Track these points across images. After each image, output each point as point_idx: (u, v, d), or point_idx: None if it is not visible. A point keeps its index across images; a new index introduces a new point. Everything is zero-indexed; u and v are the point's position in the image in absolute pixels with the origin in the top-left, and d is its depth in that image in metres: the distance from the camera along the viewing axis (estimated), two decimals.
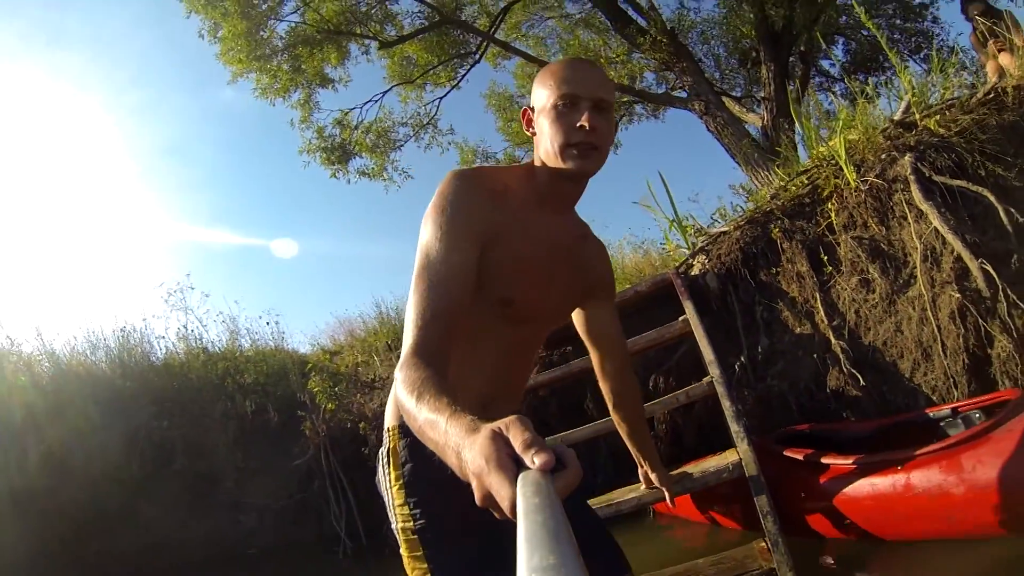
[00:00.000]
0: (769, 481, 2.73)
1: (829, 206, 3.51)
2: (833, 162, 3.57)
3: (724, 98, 9.62)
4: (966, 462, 2.23)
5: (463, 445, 0.73)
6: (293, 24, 8.81)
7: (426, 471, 1.25)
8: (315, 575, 5.02)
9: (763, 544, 2.58)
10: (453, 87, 10.19)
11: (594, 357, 1.72)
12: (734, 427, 2.86)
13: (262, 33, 8.43)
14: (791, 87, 7.78)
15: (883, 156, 3.37)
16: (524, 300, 1.34)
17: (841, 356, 3.37)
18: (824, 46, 9.22)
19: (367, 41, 9.44)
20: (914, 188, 3.16)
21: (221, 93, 22.46)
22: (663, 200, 4.76)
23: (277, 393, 6.09)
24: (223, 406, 5.93)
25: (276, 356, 6.77)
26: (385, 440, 1.37)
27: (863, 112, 3.73)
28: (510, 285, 1.32)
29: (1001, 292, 2.89)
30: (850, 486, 2.55)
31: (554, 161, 1.33)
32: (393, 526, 1.32)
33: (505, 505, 0.62)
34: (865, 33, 9.64)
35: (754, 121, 8.59)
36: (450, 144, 11.17)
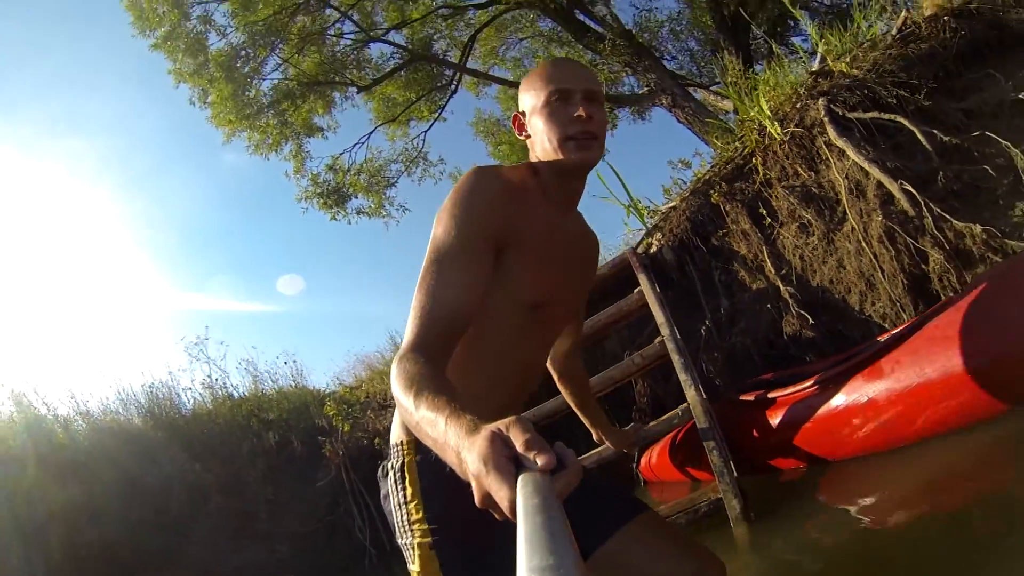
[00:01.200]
0: (727, 428, 2.75)
1: (756, 162, 3.55)
2: (760, 122, 3.62)
3: (700, 89, 9.70)
4: (885, 367, 2.21)
5: (463, 446, 0.72)
6: (276, 81, 9.22)
7: (443, 486, 1.18)
8: None
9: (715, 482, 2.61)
10: (435, 119, 10.47)
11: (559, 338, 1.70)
12: (682, 376, 2.89)
13: (248, 93, 8.80)
14: (759, 67, 7.82)
15: (799, 105, 3.40)
16: (552, 301, 1.31)
17: (791, 301, 3.38)
18: (792, 22, 9.23)
19: (348, 88, 9.74)
20: (829, 128, 3.18)
21: (223, 156, 23.12)
22: (619, 191, 4.86)
23: (300, 426, 6.27)
24: (250, 444, 6.12)
25: (297, 394, 6.95)
26: (395, 455, 1.31)
27: (784, 71, 3.79)
28: (539, 288, 1.28)
29: (924, 208, 2.88)
30: (792, 415, 2.54)
31: (554, 157, 1.30)
32: (404, 541, 1.26)
33: (504, 506, 0.61)
34: (827, 4, 9.63)
35: (727, 107, 8.63)
36: (442, 174, 11.41)
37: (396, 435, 1.31)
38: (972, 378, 1.90)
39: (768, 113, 3.48)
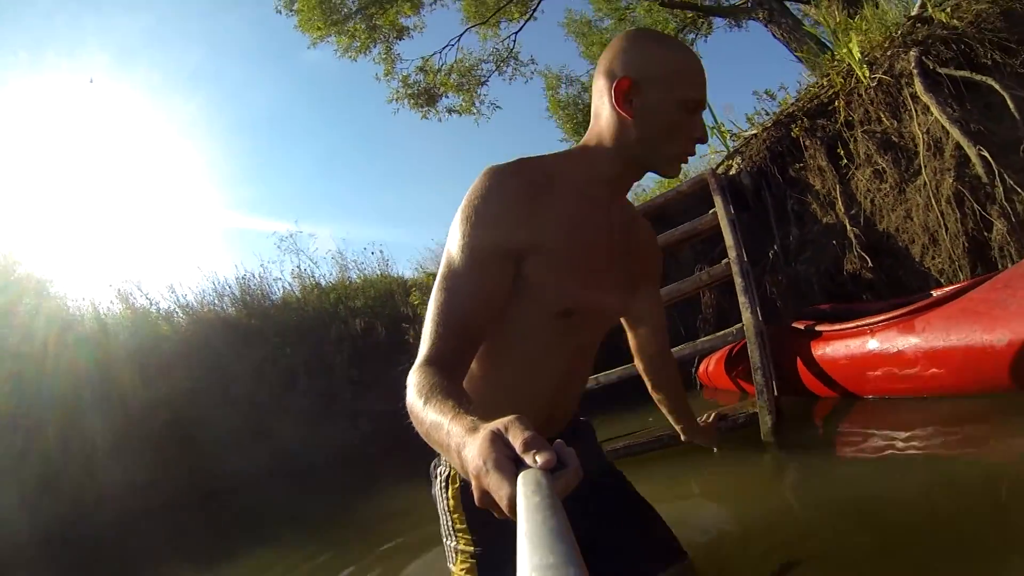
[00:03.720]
0: (775, 350, 3.23)
1: (840, 103, 3.77)
2: (848, 64, 3.81)
3: (801, 3, 9.42)
4: (917, 325, 2.61)
5: (463, 445, 0.74)
6: None
7: None
8: (425, 466, 5.88)
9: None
10: (527, 20, 10.55)
11: (633, 339, 1.70)
12: (741, 299, 3.36)
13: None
14: None
15: (890, 52, 3.58)
16: (584, 306, 1.28)
17: (855, 241, 3.70)
18: None
19: None
20: (917, 81, 3.39)
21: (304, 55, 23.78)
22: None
23: (384, 313, 7.01)
24: (337, 330, 6.92)
25: (383, 282, 7.73)
26: (443, 464, 1.39)
27: (883, 10, 3.92)
28: (568, 293, 1.24)
29: (998, 177, 3.12)
30: (833, 349, 3.00)
31: (653, 158, 1.26)
32: (449, 543, 1.37)
33: (504, 504, 0.63)
34: None
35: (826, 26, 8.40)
36: (533, 73, 11.60)
37: None
38: (988, 354, 2.31)
39: (858, 57, 3.68)
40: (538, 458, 0.63)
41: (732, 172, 4.60)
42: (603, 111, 1.27)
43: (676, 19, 10.76)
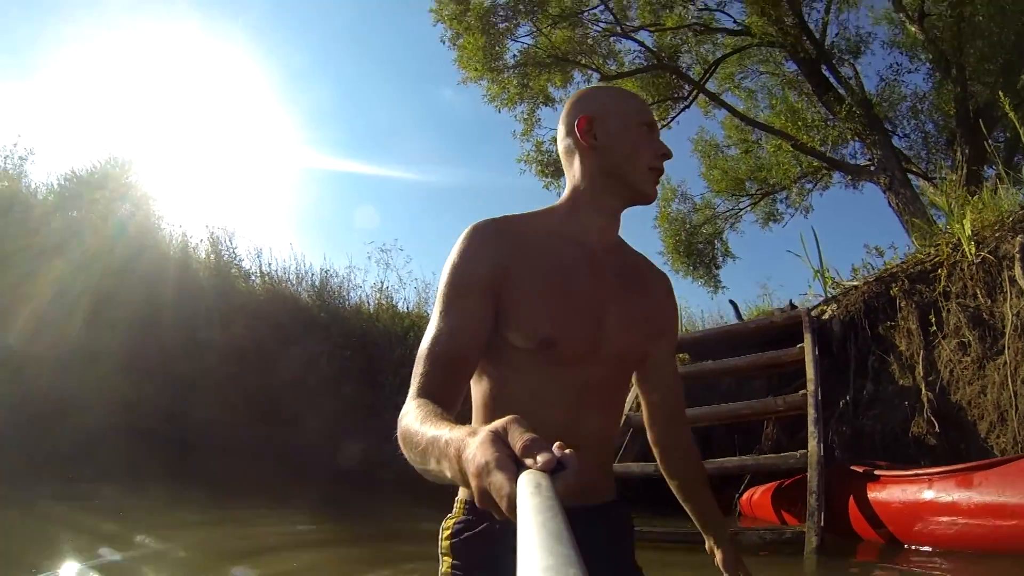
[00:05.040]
0: (829, 488, 3.46)
1: (942, 272, 4.08)
2: (958, 238, 4.13)
3: (920, 178, 9.87)
4: (976, 480, 2.85)
5: (463, 447, 0.75)
6: (526, 45, 10.42)
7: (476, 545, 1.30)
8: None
9: None
10: (664, 126, 11.19)
11: (645, 404, 1.63)
12: (811, 428, 3.66)
13: (497, 48, 10.08)
14: (990, 170, 7.96)
15: (998, 235, 3.90)
16: (569, 338, 1.30)
17: (927, 406, 3.93)
18: None
19: (590, 71, 10.81)
20: (1018, 266, 3.69)
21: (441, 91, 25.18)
22: (813, 254, 5.52)
23: None
24: (400, 352, 7.22)
25: None
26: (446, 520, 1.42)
27: (1000, 195, 4.27)
28: (546, 323, 1.29)
29: None
30: (888, 493, 3.25)
31: (627, 179, 1.35)
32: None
33: (504, 504, 0.64)
34: None
35: (940, 204, 8.78)
36: None
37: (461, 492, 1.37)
38: None
39: (968, 233, 3.99)
40: (538, 459, 0.64)
41: (825, 317, 4.91)
42: (572, 157, 1.39)
43: (801, 165, 11.30)
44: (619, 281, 1.39)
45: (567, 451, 0.67)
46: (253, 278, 8.11)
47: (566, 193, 1.41)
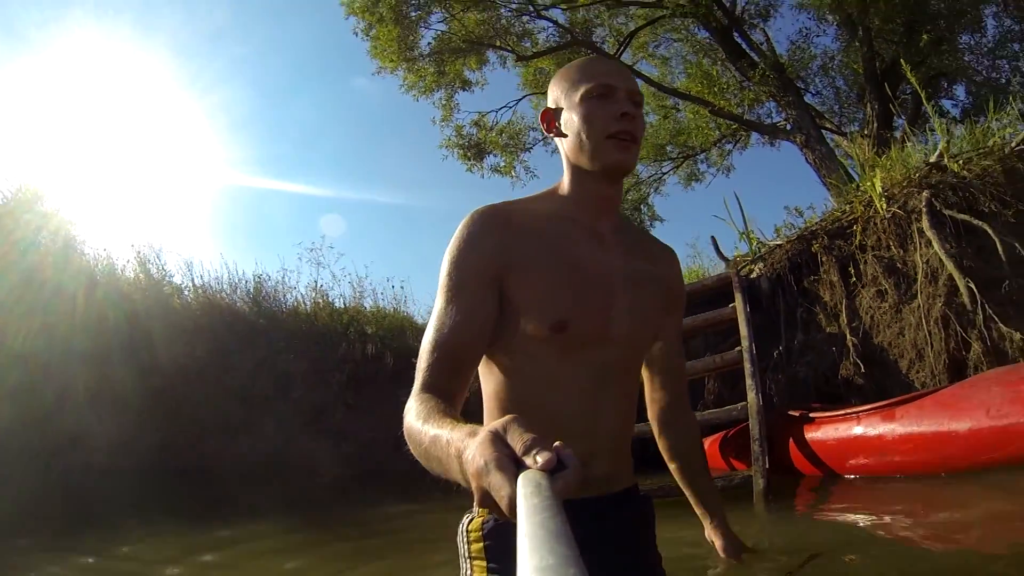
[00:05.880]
0: (771, 432, 3.80)
1: (857, 228, 4.46)
2: (869, 196, 4.51)
3: (834, 135, 10.49)
4: (897, 414, 3.21)
5: (464, 447, 0.76)
6: (439, 32, 10.60)
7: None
8: (400, 494, 6.20)
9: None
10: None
11: (648, 384, 1.65)
12: (748, 381, 3.97)
13: (411, 37, 10.20)
14: (900, 124, 8.53)
15: (906, 191, 4.29)
16: (582, 320, 1.29)
17: (852, 350, 4.31)
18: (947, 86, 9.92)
19: (504, 52, 11.12)
20: (925, 218, 4.09)
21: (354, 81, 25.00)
22: (737, 217, 5.89)
23: (394, 346, 7.42)
24: (343, 348, 7.31)
25: (395, 316, 8.20)
26: (466, 516, 1.37)
27: (909, 150, 4.67)
28: (558, 307, 1.27)
29: (980, 306, 3.76)
30: (823, 432, 3.58)
31: (591, 156, 1.32)
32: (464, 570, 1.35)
33: (504, 504, 0.64)
34: (985, 76, 10.19)
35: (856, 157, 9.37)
36: None
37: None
38: (952, 438, 2.95)
39: (879, 191, 4.38)
40: (538, 459, 0.64)
41: (753, 275, 5.27)
42: (558, 148, 1.43)
43: (719, 127, 11.82)
44: (627, 260, 1.38)
45: (567, 450, 0.67)
46: (186, 293, 7.99)
47: (565, 168, 1.41)
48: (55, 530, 4.33)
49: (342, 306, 8.20)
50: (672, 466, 1.65)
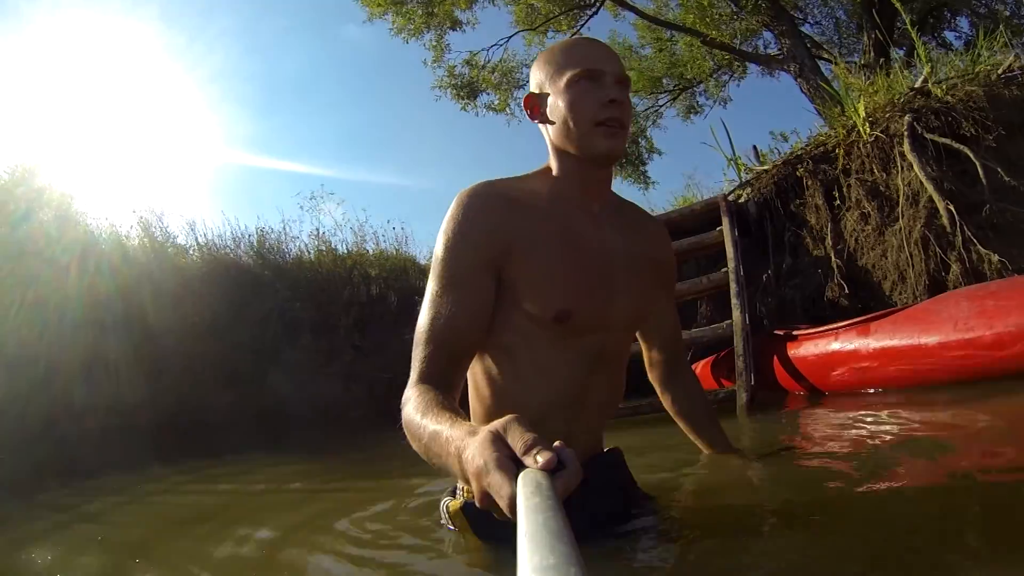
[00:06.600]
0: (757, 350, 4.03)
1: (840, 152, 4.62)
2: (853, 121, 4.65)
3: (833, 65, 10.49)
4: (872, 329, 3.42)
5: (464, 447, 0.78)
6: None
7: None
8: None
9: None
10: (573, 34, 11.54)
11: (646, 351, 1.71)
12: (734, 301, 4.22)
13: None
14: (898, 54, 8.56)
15: (889, 115, 4.43)
16: (583, 308, 1.29)
17: (837, 272, 4.52)
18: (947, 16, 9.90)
19: None
20: (906, 142, 4.24)
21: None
22: (725, 144, 6.06)
23: (397, 285, 7.69)
24: (348, 293, 7.57)
25: (397, 257, 8.46)
26: (446, 495, 1.45)
27: (894, 77, 4.80)
28: (559, 296, 1.26)
29: (959, 229, 3.94)
30: (804, 349, 3.80)
31: (578, 144, 1.30)
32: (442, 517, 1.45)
33: (504, 504, 0.65)
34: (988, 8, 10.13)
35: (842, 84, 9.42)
36: None
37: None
38: (922, 352, 3.16)
39: (862, 115, 4.51)
40: (538, 458, 0.65)
41: (741, 200, 5.44)
42: (543, 134, 1.41)
43: (715, 58, 11.84)
44: (624, 242, 1.38)
45: (567, 450, 0.69)
46: (191, 252, 8.21)
47: (551, 153, 1.40)
48: (87, 473, 4.62)
49: (345, 252, 8.43)
50: (679, 421, 1.75)
